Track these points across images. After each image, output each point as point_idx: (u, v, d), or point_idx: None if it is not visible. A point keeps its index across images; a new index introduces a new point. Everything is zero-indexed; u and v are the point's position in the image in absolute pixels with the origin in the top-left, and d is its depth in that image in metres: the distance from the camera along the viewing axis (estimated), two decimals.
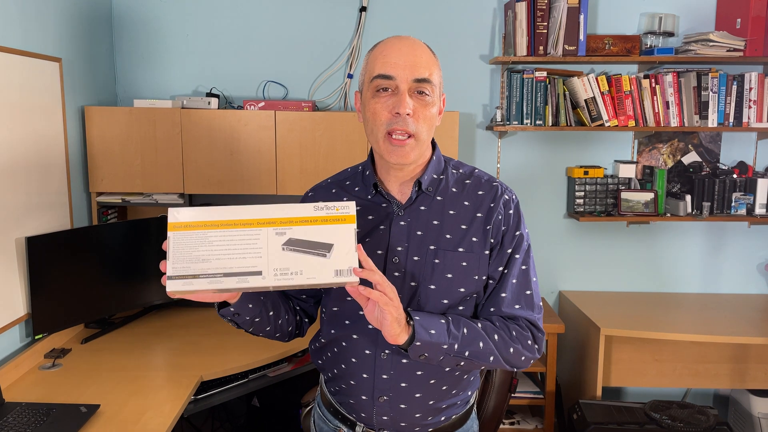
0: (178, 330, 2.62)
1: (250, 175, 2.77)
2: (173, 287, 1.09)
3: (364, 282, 1.13)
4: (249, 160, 2.76)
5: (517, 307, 1.31)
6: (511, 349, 1.28)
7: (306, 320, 1.50)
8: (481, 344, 1.24)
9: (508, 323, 1.30)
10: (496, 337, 1.27)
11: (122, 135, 2.72)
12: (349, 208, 1.15)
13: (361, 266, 1.12)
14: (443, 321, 1.22)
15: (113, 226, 2.66)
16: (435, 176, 1.34)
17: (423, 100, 1.24)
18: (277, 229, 1.12)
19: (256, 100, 2.89)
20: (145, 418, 1.86)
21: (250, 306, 1.28)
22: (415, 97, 1.24)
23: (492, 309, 1.32)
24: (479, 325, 1.27)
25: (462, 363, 1.26)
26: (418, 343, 1.18)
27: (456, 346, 1.22)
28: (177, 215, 1.12)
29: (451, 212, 1.31)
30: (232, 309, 1.25)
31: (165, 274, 1.10)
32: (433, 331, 1.19)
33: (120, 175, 2.74)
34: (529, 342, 1.31)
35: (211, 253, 1.10)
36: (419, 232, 1.30)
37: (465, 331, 1.23)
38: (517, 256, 1.31)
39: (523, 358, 1.30)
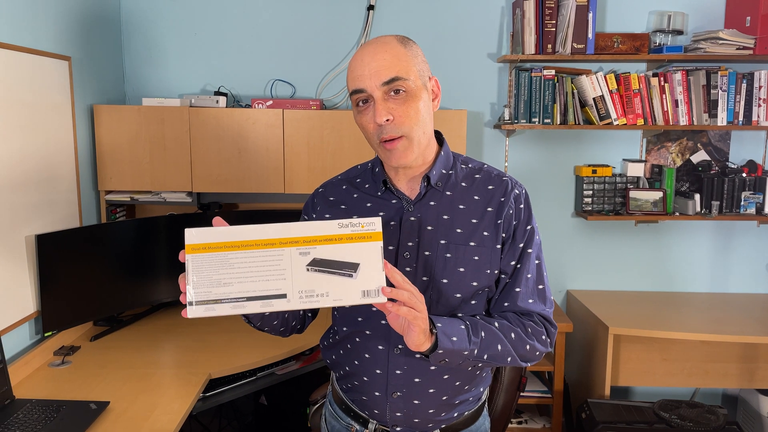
0: (186, 327, 2.63)
1: (258, 173, 2.77)
2: (195, 313, 1.06)
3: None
4: (257, 159, 2.76)
5: (530, 301, 1.31)
6: (528, 346, 1.28)
7: (309, 315, 1.50)
8: (499, 347, 1.25)
9: (523, 319, 1.31)
10: (512, 335, 1.27)
11: (131, 133, 2.72)
12: (375, 224, 1.10)
13: (389, 283, 1.10)
14: (463, 327, 1.22)
15: (122, 224, 2.67)
16: (444, 171, 1.34)
17: (400, 98, 1.23)
18: (301, 248, 1.08)
19: (264, 98, 2.89)
20: (155, 415, 1.87)
21: None
22: (391, 99, 1.22)
23: (506, 304, 1.32)
24: (496, 324, 1.27)
25: (480, 364, 1.27)
26: (440, 351, 1.18)
27: (476, 351, 1.22)
28: (194, 236, 1.07)
29: (461, 207, 1.31)
30: None
31: (183, 293, 1.07)
32: (454, 338, 1.19)
33: (128, 174, 2.75)
34: (543, 337, 1.31)
35: (232, 276, 1.07)
36: (429, 227, 1.30)
37: (483, 334, 1.23)
38: (529, 250, 1.31)
39: (537, 353, 1.31)
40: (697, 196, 3.03)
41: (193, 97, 2.82)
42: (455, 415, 1.39)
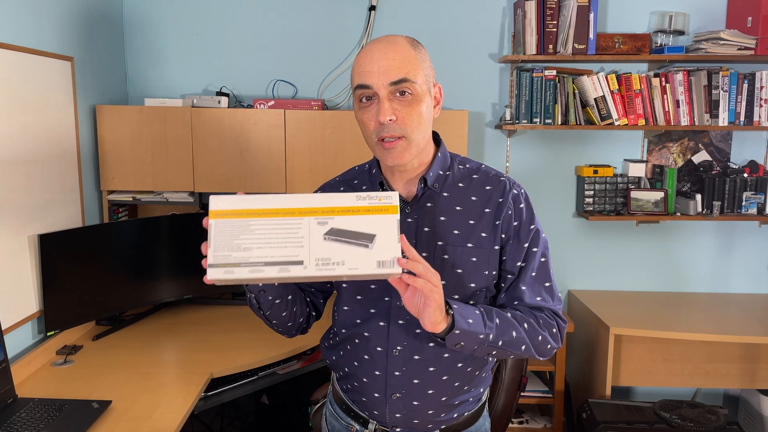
0: (188, 327, 2.64)
1: (259, 173, 2.78)
2: (214, 275, 1.07)
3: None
4: (258, 159, 2.77)
5: (538, 299, 1.32)
6: (540, 337, 1.29)
7: (314, 314, 1.50)
8: (514, 333, 1.25)
9: (535, 312, 1.31)
10: (526, 325, 1.27)
11: (133, 134, 2.73)
12: (392, 198, 1.12)
13: (404, 256, 1.10)
14: (478, 312, 1.22)
15: (124, 224, 2.68)
16: (441, 172, 1.34)
17: (405, 100, 1.23)
18: (319, 218, 1.10)
19: (266, 99, 2.90)
20: (156, 414, 1.87)
21: (276, 284, 1.28)
22: (396, 99, 1.23)
23: (515, 302, 1.32)
24: (509, 314, 1.27)
25: (494, 352, 1.26)
26: (457, 332, 1.17)
27: (491, 336, 1.22)
28: (218, 203, 1.11)
29: (458, 208, 1.31)
30: (260, 284, 1.25)
31: (205, 257, 1.08)
32: (470, 320, 1.19)
33: (131, 174, 2.76)
34: (554, 330, 1.32)
35: (252, 241, 1.08)
36: (426, 229, 1.30)
37: (498, 321, 1.24)
38: (535, 249, 1.32)
39: (549, 346, 1.31)
40: (699, 197, 3.03)
41: (195, 98, 2.83)
42: (455, 415, 1.39)
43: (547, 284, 1.34)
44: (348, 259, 1.08)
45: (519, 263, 1.31)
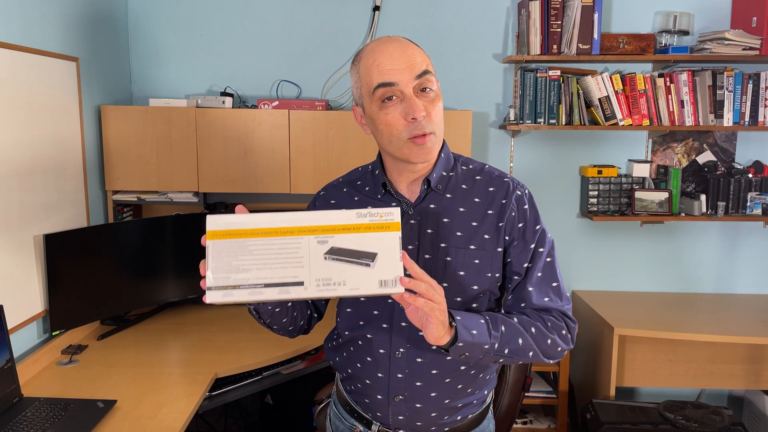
0: (192, 327, 2.64)
1: (263, 173, 2.78)
2: (213, 298, 1.06)
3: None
4: (263, 159, 2.77)
5: (546, 299, 1.30)
6: (549, 341, 1.26)
7: (315, 315, 1.50)
8: (520, 341, 1.23)
9: (542, 314, 1.29)
10: (533, 329, 1.25)
11: (138, 134, 2.74)
12: (394, 215, 1.09)
13: (406, 274, 1.09)
14: (483, 321, 1.20)
15: (129, 224, 2.68)
16: (444, 173, 1.33)
17: (428, 96, 1.23)
18: (319, 237, 1.08)
19: (270, 99, 2.90)
20: (161, 413, 1.88)
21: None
22: (421, 96, 1.23)
23: (522, 304, 1.30)
24: (515, 320, 1.25)
25: (501, 359, 1.25)
26: (460, 344, 1.16)
27: (496, 345, 1.20)
28: (215, 223, 1.09)
29: (462, 209, 1.30)
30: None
31: (203, 278, 1.07)
32: (474, 332, 1.17)
33: (135, 174, 2.77)
34: (564, 332, 1.29)
35: (251, 262, 1.07)
36: (429, 230, 1.30)
37: (503, 329, 1.22)
38: (541, 249, 1.30)
39: (559, 348, 1.29)
40: (703, 197, 3.02)
41: (199, 98, 2.83)
42: (458, 418, 1.38)
43: (554, 284, 1.31)
44: (349, 279, 1.07)
45: (526, 264, 1.29)
